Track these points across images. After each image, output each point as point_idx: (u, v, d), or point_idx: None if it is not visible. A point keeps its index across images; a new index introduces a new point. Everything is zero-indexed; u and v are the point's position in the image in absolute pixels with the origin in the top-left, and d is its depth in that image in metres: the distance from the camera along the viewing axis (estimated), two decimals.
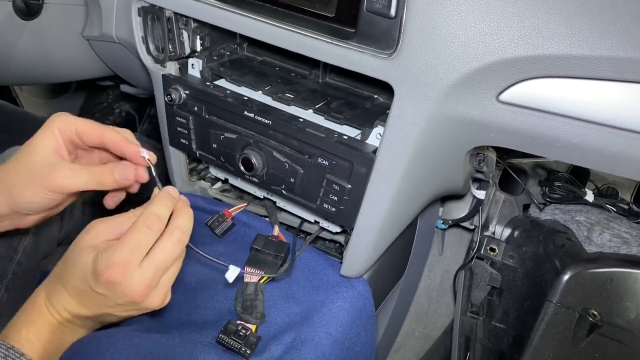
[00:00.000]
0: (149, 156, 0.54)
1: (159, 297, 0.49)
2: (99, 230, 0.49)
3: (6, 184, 0.51)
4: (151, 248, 0.47)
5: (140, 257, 0.46)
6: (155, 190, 0.52)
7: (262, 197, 0.74)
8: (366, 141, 0.58)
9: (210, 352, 0.55)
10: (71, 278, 0.48)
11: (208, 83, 0.67)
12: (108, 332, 0.53)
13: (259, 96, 0.65)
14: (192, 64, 0.69)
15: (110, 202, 0.59)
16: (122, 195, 0.59)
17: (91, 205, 0.87)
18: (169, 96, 0.66)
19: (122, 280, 0.45)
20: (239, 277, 0.58)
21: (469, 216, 0.90)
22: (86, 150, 0.56)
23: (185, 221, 0.50)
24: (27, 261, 0.68)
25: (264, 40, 0.56)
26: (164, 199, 0.50)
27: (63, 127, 0.52)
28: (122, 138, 0.54)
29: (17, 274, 0.66)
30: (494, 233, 0.89)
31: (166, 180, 0.82)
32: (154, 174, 0.54)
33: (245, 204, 0.75)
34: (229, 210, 0.72)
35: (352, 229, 0.62)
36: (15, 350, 0.45)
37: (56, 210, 0.56)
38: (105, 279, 0.45)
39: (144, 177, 0.54)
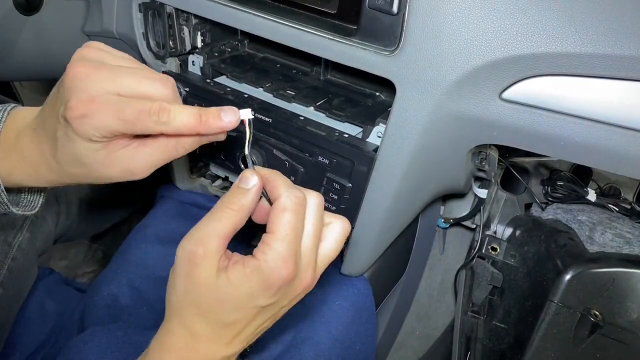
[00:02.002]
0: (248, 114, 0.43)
1: (312, 275, 0.42)
2: (209, 261, 0.37)
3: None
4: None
5: (298, 242, 0.39)
6: (252, 177, 0.41)
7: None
8: (367, 140, 0.58)
9: None
10: (215, 315, 0.38)
11: (208, 80, 0.66)
12: (108, 329, 0.53)
13: (259, 93, 0.65)
14: (193, 61, 0.68)
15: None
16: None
17: (88, 204, 0.87)
18: None
19: (294, 274, 0.38)
20: None
21: (471, 215, 0.90)
22: None
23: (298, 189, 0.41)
24: (23, 257, 0.68)
25: (265, 36, 0.56)
26: (279, 175, 0.42)
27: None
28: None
29: (12, 269, 0.66)
30: (495, 232, 0.89)
31: (168, 179, 0.82)
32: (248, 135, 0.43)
33: None
34: None
35: (352, 228, 0.62)
36: None
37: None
38: (280, 283, 0.38)
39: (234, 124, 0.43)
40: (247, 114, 0.43)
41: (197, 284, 0.37)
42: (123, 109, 0.38)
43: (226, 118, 0.42)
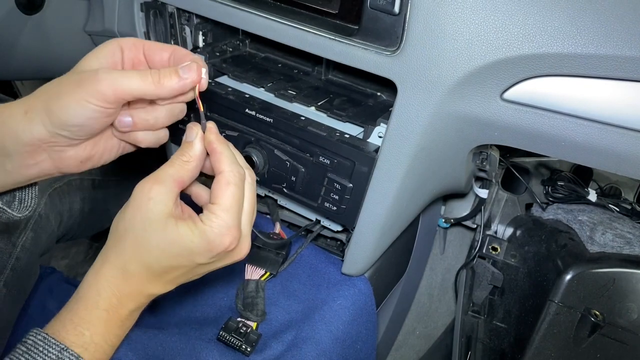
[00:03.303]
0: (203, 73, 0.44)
1: (248, 245, 0.45)
2: (161, 194, 0.41)
3: (46, 96, 0.41)
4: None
5: (240, 214, 0.43)
6: (196, 127, 0.44)
7: (263, 195, 0.74)
8: (368, 140, 0.58)
9: (212, 349, 0.55)
10: (155, 257, 0.41)
11: (210, 80, 0.66)
12: None
13: (260, 94, 0.65)
14: None
15: (142, 137, 0.47)
16: (162, 136, 0.48)
17: (90, 204, 0.87)
18: None
19: (236, 245, 0.43)
20: (240, 275, 0.58)
21: (471, 215, 0.90)
22: None
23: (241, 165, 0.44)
24: (26, 256, 0.68)
25: (266, 36, 0.56)
26: (227, 147, 0.44)
27: (127, 44, 0.45)
28: (191, 53, 0.45)
29: (16, 269, 0.66)
30: (496, 232, 0.89)
31: None
32: (198, 96, 0.44)
33: None
34: None
35: (353, 228, 0.62)
36: (70, 352, 0.40)
37: (108, 144, 0.47)
38: (222, 249, 0.42)
39: (204, 85, 0.44)
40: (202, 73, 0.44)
41: (147, 219, 0.40)
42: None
43: (185, 74, 0.42)
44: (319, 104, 0.62)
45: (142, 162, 0.86)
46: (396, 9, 0.47)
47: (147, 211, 0.40)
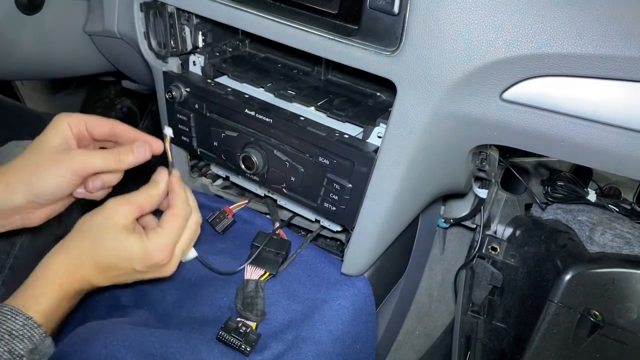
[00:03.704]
0: (169, 132, 0.58)
1: (175, 267, 0.56)
2: (124, 213, 0.52)
3: (25, 172, 0.52)
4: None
5: (177, 241, 0.54)
6: (164, 172, 0.56)
7: (262, 195, 0.74)
8: (367, 140, 0.58)
9: (212, 348, 0.55)
10: (104, 255, 0.51)
11: (209, 80, 0.67)
12: (103, 324, 0.53)
13: (260, 94, 0.65)
14: (194, 61, 0.68)
15: (99, 194, 0.61)
16: (111, 185, 0.61)
17: (88, 203, 0.87)
18: (169, 93, 0.66)
19: (168, 262, 0.54)
20: (240, 275, 0.58)
21: (471, 215, 0.90)
22: (90, 145, 0.59)
23: (190, 207, 0.57)
24: (25, 256, 0.68)
25: (266, 36, 0.56)
26: (184, 191, 0.56)
27: (73, 121, 0.55)
28: (130, 127, 0.58)
29: (14, 268, 0.66)
30: (495, 232, 0.89)
31: None
32: (168, 150, 0.58)
33: (246, 201, 0.75)
34: (230, 208, 0.72)
35: (353, 228, 0.62)
36: (33, 321, 0.47)
37: (66, 202, 0.59)
38: (155, 262, 0.52)
39: (159, 149, 0.57)
40: (168, 131, 0.58)
41: (108, 225, 0.51)
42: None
43: (139, 152, 0.56)
44: (318, 104, 0.62)
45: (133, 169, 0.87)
46: (396, 9, 0.47)
47: (110, 219, 0.52)
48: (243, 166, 0.65)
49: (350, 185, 0.58)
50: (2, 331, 0.46)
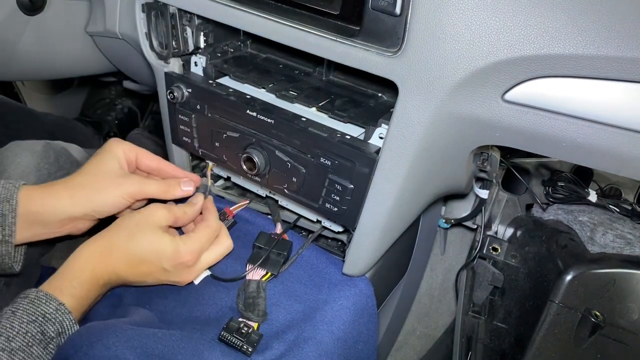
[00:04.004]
0: (209, 182, 0.74)
1: (196, 275, 0.63)
2: (162, 216, 0.60)
3: (88, 189, 0.60)
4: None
5: (205, 250, 0.61)
6: (201, 196, 0.67)
7: (264, 195, 0.74)
8: (369, 141, 0.58)
9: (214, 349, 0.55)
10: (137, 249, 0.57)
11: (210, 81, 0.67)
12: (105, 324, 0.53)
13: (261, 94, 0.65)
14: (195, 62, 0.68)
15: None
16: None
17: None
18: (171, 94, 0.66)
19: (193, 264, 0.60)
20: (241, 277, 0.58)
21: (472, 215, 0.90)
22: (134, 173, 0.68)
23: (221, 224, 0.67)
24: (27, 257, 0.68)
25: (267, 37, 0.56)
26: (216, 210, 0.67)
27: (126, 149, 0.64)
28: (174, 166, 0.69)
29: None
30: (496, 233, 0.89)
31: None
32: (209, 177, 0.75)
33: (247, 201, 0.75)
34: (230, 209, 0.72)
35: (354, 229, 0.62)
36: (65, 307, 0.52)
37: (116, 215, 0.65)
38: (183, 261, 0.58)
39: (198, 183, 0.69)
40: (205, 181, 0.74)
41: (144, 222, 0.58)
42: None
43: (185, 187, 0.66)
44: (320, 104, 0.62)
45: None
46: (397, 10, 0.47)
47: (149, 218, 0.59)
48: (245, 167, 0.65)
49: (352, 186, 0.58)
50: (37, 314, 0.50)
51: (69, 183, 0.61)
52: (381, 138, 0.56)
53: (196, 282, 0.64)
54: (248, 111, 0.61)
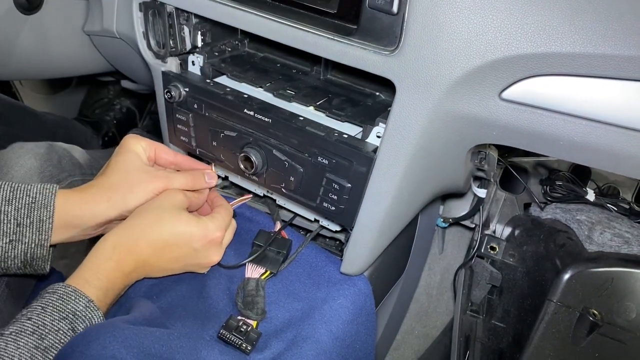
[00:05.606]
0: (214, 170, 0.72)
1: (221, 254, 0.64)
2: (182, 199, 0.62)
3: (121, 189, 0.61)
4: None
5: (227, 228, 0.64)
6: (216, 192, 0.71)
7: (262, 195, 0.74)
8: (366, 140, 0.58)
9: (212, 347, 0.55)
10: (164, 232, 0.58)
11: (208, 80, 0.66)
12: (102, 324, 0.53)
13: (259, 93, 0.65)
14: (193, 61, 0.68)
15: None
16: None
17: None
18: (168, 93, 0.66)
19: (220, 241, 0.62)
20: (241, 273, 0.59)
21: (470, 215, 0.90)
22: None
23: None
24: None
25: (265, 36, 0.56)
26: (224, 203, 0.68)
27: (145, 145, 0.65)
28: (189, 157, 0.70)
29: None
30: (494, 232, 0.89)
31: None
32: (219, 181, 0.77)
33: (250, 195, 0.74)
34: (231, 203, 0.71)
35: (352, 228, 0.62)
36: (94, 304, 0.52)
37: None
38: (213, 238, 0.60)
39: (215, 182, 0.69)
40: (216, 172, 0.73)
41: (166, 205, 0.60)
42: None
43: (209, 179, 0.68)
44: (317, 103, 0.62)
45: None
46: (394, 8, 0.47)
47: (169, 201, 0.60)
48: (242, 166, 0.65)
49: (350, 185, 0.58)
50: (67, 311, 0.50)
51: (104, 185, 0.61)
52: (378, 137, 0.56)
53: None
54: (245, 110, 0.61)
